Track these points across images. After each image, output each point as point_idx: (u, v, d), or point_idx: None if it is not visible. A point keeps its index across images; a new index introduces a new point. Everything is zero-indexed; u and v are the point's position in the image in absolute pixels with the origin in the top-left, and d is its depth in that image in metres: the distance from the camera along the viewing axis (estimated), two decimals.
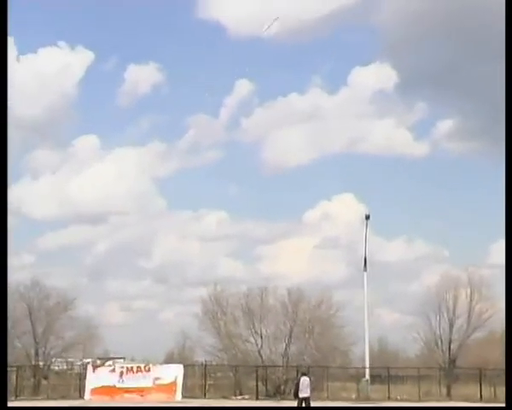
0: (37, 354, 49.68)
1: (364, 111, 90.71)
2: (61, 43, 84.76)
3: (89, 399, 40.72)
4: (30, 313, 49.56)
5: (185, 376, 43.31)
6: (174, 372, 42.70)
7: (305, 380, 24.53)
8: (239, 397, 44.02)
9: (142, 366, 43.64)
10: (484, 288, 54.98)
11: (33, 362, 48.99)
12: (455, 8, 78.00)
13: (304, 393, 24.00)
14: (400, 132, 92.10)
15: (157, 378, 42.02)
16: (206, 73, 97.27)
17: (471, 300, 54.27)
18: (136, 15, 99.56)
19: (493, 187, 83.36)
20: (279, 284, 54.25)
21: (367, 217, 46.85)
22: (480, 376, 46.62)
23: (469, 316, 54.17)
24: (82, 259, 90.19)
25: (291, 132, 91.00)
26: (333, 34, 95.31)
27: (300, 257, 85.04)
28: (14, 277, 49.76)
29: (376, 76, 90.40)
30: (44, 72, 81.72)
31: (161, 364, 47.28)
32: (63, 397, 41.58)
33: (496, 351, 51.40)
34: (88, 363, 45.86)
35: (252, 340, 49.83)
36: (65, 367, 51.38)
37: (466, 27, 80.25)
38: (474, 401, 42.46)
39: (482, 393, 45.46)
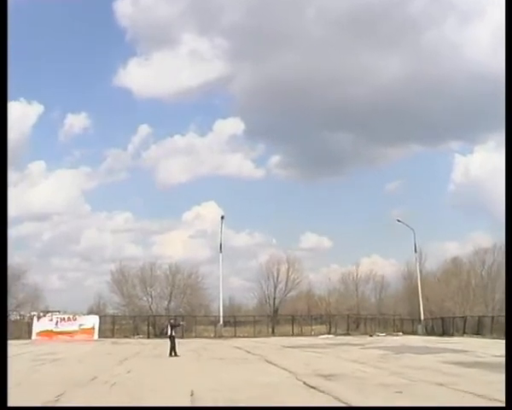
0: None
1: (223, 148, 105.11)
2: (22, 99, 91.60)
3: (34, 339, 43.25)
4: None
5: (100, 323, 47.09)
6: (93, 320, 46.85)
7: (173, 326, 25.53)
8: (136, 337, 47.64)
9: (71, 316, 47.41)
10: (296, 263, 63.45)
11: None
12: (283, 86, 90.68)
13: (172, 333, 24.71)
14: (246, 162, 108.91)
15: (81, 325, 46.07)
16: (119, 120, 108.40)
17: (288, 271, 62.08)
18: (73, 79, 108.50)
19: (303, 196, 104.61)
20: (164, 261, 61.77)
21: (222, 217, 52.25)
22: (292, 320, 53.65)
23: (286, 282, 62.09)
24: (32, 244, 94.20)
25: (175, 161, 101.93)
26: (205, 96, 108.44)
27: (179, 243, 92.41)
28: None
29: (231, 125, 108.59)
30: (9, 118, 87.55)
31: (84, 315, 49.49)
32: (16, 338, 42.20)
33: (302, 304, 60.97)
34: (34, 315, 47.94)
35: (145, 298, 55.90)
36: (18, 318, 52.48)
37: (290, 98, 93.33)
38: (289, 336, 47.91)
39: (294, 330, 51.41)
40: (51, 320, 46.82)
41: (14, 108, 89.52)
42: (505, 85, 9.80)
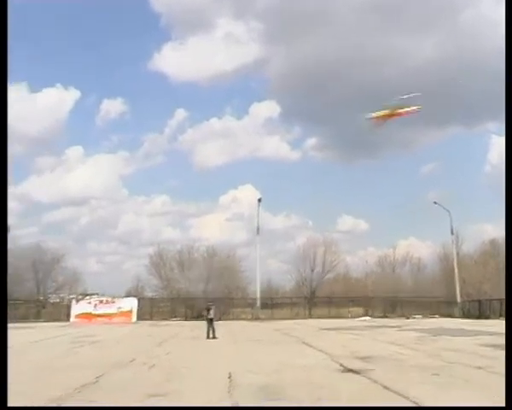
0: (38, 291, 54.22)
1: (259, 131, 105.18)
2: (58, 85, 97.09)
3: (73, 321, 44.41)
4: (34, 265, 53.98)
5: (138, 305, 47.74)
6: (131, 303, 47.64)
7: (210, 309, 25.51)
8: (174, 319, 48.11)
9: (110, 298, 48.31)
10: (333, 246, 63.70)
11: (36, 297, 53.23)
12: (318, 69, 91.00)
13: (210, 316, 25.06)
14: (282, 145, 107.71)
15: (119, 307, 46.98)
16: (155, 105, 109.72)
17: (325, 254, 62.32)
18: (109, 65, 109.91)
19: (339, 179, 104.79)
20: (201, 244, 60.88)
21: (259, 200, 52.40)
22: (329, 302, 53.66)
23: (323, 264, 62.30)
24: (70, 228, 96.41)
25: (211, 144, 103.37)
26: (240, 79, 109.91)
27: (216, 226, 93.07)
28: (23, 241, 56.69)
29: (267, 108, 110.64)
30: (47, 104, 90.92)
31: (122, 297, 50.52)
32: (56, 320, 44.87)
33: (339, 286, 60.95)
34: (73, 298, 49.25)
35: (182, 281, 55.97)
36: (57, 300, 54.55)
37: (324, 80, 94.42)
38: (326, 318, 47.39)
39: (331, 313, 51.03)
40: (90, 303, 47.75)
41: (50, 95, 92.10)
42: (505, 84, 9.93)
